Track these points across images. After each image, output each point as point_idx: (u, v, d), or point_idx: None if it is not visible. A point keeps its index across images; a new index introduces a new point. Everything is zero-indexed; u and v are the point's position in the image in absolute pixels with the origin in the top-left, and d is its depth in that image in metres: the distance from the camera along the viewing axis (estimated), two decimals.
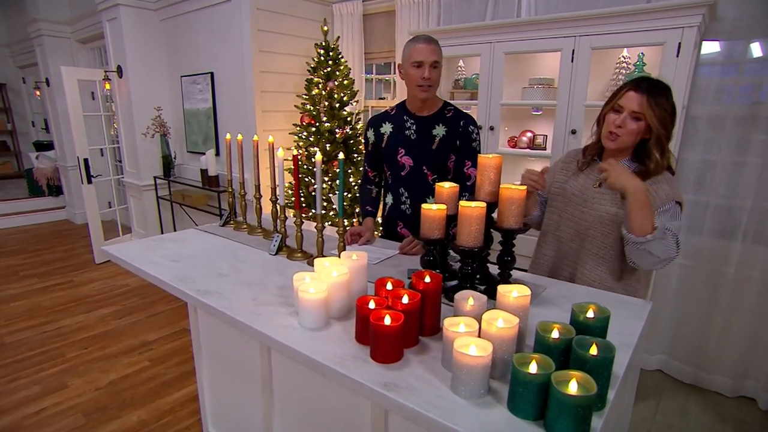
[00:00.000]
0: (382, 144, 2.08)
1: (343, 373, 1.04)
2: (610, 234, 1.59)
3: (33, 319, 3.49)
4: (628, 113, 1.47)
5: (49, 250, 5.20)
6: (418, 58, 1.83)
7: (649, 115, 1.44)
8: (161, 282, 1.57)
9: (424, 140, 1.98)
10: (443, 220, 1.45)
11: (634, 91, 1.46)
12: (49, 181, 6.91)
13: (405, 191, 2.07)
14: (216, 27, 3.82)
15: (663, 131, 1.46)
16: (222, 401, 1.95)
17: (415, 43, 1.85)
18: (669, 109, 1.46)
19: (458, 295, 1.16)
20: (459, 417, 0.89)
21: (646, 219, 1.40)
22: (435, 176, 2.01)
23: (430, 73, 1.84)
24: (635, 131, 1.48)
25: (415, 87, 1.89)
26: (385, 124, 2.07)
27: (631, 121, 1.47)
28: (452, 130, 1.95)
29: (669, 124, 1.47)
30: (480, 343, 0.95)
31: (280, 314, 1.32)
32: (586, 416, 0.82)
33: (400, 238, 2.10)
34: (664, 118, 1.45)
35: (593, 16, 2.47)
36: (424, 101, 1.94)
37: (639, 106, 1.45)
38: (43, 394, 2.57)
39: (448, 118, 1.97)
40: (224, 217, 2.27)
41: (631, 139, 1.50)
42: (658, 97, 1.44)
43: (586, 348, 0.93)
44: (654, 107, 1.44)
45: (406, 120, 2.01)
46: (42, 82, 6.01)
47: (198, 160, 4.30)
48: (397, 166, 2.05)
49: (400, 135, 2.02)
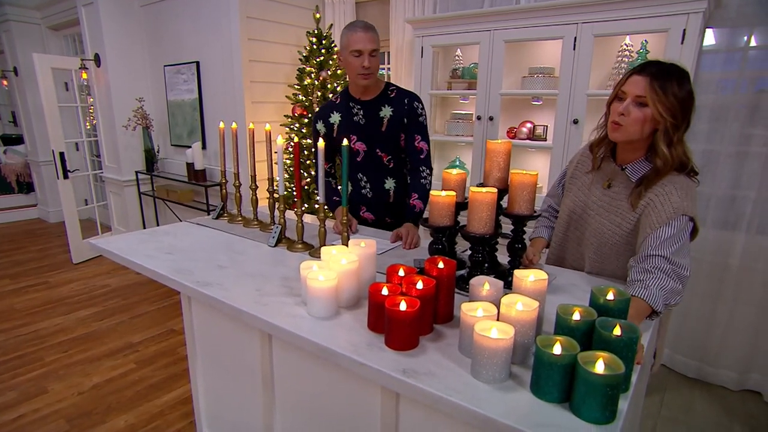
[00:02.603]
0: (333, 134, 2.08)
1: (360, 361, 1.01)
2: (608, 246, 1.45)
3: (6, 322, 3.27)
4: (632, 99, 1.30)
5: (20, 250, 4.94)
6: (356, 47, 1.85)
7: (652, 100, 1.27)
8: (158, 275, 1.47)
9: (372, 123, 2.01)
10: (452, 206, 1.42)
11: (638, 74, 1.30)
12: (18, 178, 6.59)
13: (363, 176, 2.11)
14: (202, 13, 3.66)
15: (671, 120, 1.28)
16: (218, 401, 1.84)
17: (354, 32, 1.87)
18: (680, 95, 1.27)
19: (474, 281, 1.15)
20: (482, 401, 0.87)
21: (639, 316, 1.18)
22: (390, 157, 2.05)
23: (369, 62, 1.87)
24: (641, 119, 1.30)
25: (356, 75, 1.91)
26: (334, 114, 2.08)
27: (635, 108, 1.30)
28: (398, 109, 1.98)
29: (678, 113, 1.28)
30: (501, 326, 0.94)
31: (287, 304, 1.28)
32: (614, 396, 0.81)
33: (363, 222, 2.17)
34: (672, 105, 1.26)
35: (596, 2, 2.43)
36: (366, 88, 1.97)
37: (642, 89, 1.28)
38: (21, 400, 2.40)
39: (392, 98, 2.00)
40: (218, 209, 2.15)
41: (637, 129, 1.32)
42: (665, 80, 1.27)
43: (610, 329, 0.92)
44: (658, 91, 1.26)
45: (353, 106, 2.03)
46: (9, 71, 5.70)
47: (183, 153, 4.12)
48: (352, 152, 2.07)
49: (349, 122, 2.04)
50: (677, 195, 1.28)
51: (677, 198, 1.28)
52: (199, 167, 3.88)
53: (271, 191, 1.93)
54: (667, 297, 1.21)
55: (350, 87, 2.04)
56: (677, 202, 1.27)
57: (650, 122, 1.31)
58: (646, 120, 1.30)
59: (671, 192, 1.29)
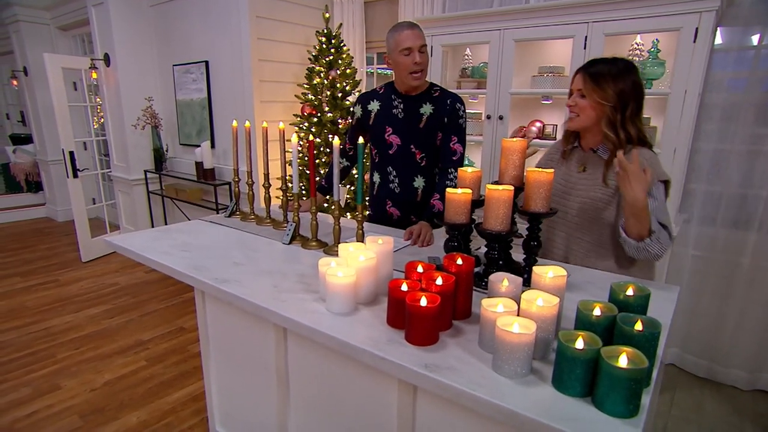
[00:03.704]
0: (369, 121, 2.09)
1: (381, 356, 1.02)
2: (595, 221, 1.59)
3: (18, 319, 3.30)
4: (576, 92, 1.55)
5: (29, 248, 4.97)
6: (405, 45, 1.86)
7: (587, 91, 1.50)
8: (175, 272, 1.48)
9: (411, 119, 2.00)
10: (468, 204, 1.42)
11: (578, 72, 1.55)
12: (27, 177, 6.64)
13: (393, 170, 2.09)
14: (211, 13, 3.68)
15: (610, 106, 1.48)
16: (231, 398, 1.85)
17: (400, 31, 1.88)
18: (618, 85, 1.46)
19: (493, 277, 1.16)
20: (506, 395, 0.88)
21: (643, 226, 1.42)
22: (423, 154, 2.03)
23: (420, 57, 1.88)
24: (588, 106, 1.52)
25: (408, 75, 1.91)
26: (373, 102, 2.08)
27: (580, 99, 1.53)
28: (439, 108, 1.98)
29: (615, 100, 1.47)
30: (523, 321, 0.95)
31: (305, 300, 1.29)
32: (638, 391, 0.82)
33: (389, 217, 2.14)
34: (607, 94, 1.47)
35: (607, 1, 2.42)
36: (416, 88, 1.97)
37: (581, 84, 1.52)
38: (35, 396, 2.42)
39: (435, 97, 2.00)
40: (230, 207, 2.16)
41: (588, 116, 1.54)
42: (599, 74, 1.48)
43: (631, 324, 0.93)
44: (592, 84, 1.49)
45: (394, 99, 2.03)
46: (19, 71, 5.74)
47: (191, 152, 4.14)
48: (385, 144, 2.06)
49: (387, 113, 2.04)
50: (649, 165, 1.43)
51: (650, 168, 1.43)
52: (208, 166, 3.89)
53: (285, 189, 1.94)
54: (658, 238, 1.44)
55: (396, 83, 2.03)
56: (651, 173, 1.42)
57: (596, 109, 1.51)
58: (591, 108, 1.52)
59: (642, 164, 1.43)
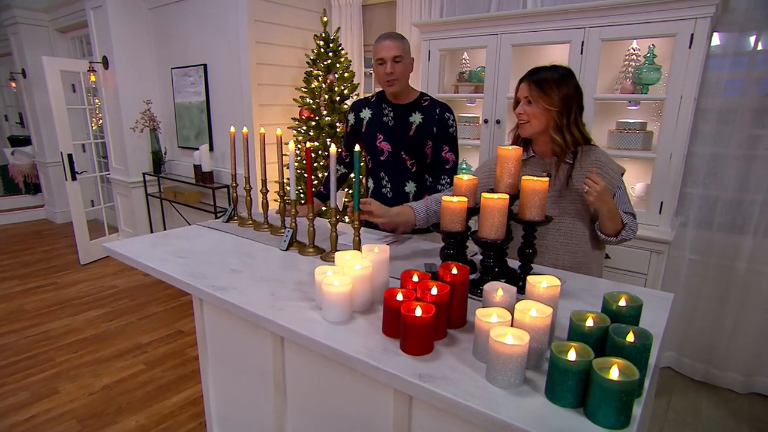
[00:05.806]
0: (361, 129, 2.17)
1: (375, 365, 1.02)
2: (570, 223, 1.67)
3: (16, 322, 3.31)
4: (523, 100, 1.61)
5: (28, 250, 4.98)
6: (380, 55, 1.94)
7: (533, 98, 1.56)
8: (172, 279, 1.48)
9: (401, 127, 2.07)
10: (464, 212, 1.43)
11: (523, 81, 1.61)
12: (26, 178, 6.64)
13: (385, 175, 2.16)
14: (209, 16, 3.68)
15: (556, 110, 1.55)
16: (229, 403, 1.86)
17: (379, 42, 1.96)
18: (561, 90, 1.55)
19: (487, 287, 1.16)
20: (499, 406, 0.89)
21: (617, 224, 1.57)
22: (413, 161, 2.10)
23: (392, 67, 1.94)
24: (536, 114, 1.58)
25: (383, 83, 2.00)
26: (365, 110, 2.16)
27: (528, 107, 1.60)
28: (428, 117, 2.04)
29: (560, 104, 1.55)
30: (516, 332, 0.96)
31: (302, 309, 1.29)
32: (629, 402, 0.83)
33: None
34: (552, 99, 1.54)
35: (604, 7, 2.43)
36: (395, 95, 2.05)
37: (526, 91, 1.59)
38: (33, 400, 2.43)
39: (424, 106, 2.07)
40: (227, 212, 2.17)
41: (537, 123, 1.60)
42: (542, 81, 1.56)
43: (623, 335, 0.94)
44: (537, 90, 1.55)
45: (384, 107, 2.10)
46: (18, 73, 5.74)
47: (190, 155, 4.15)
48: (376, 151, 2.14)
49: (378, 121, 2.11)
50: (605, 159, 1.63)
51: (611, 164, 1.63)
52: (206, 169, 3.90)
53: (282, 195, 1.94)
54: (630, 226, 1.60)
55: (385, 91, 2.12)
56: (614, 168, 1.62)
57: (544, 115, 1.58)
58: (540, 114, 1.58)
59: (601, 161, 1.61)
